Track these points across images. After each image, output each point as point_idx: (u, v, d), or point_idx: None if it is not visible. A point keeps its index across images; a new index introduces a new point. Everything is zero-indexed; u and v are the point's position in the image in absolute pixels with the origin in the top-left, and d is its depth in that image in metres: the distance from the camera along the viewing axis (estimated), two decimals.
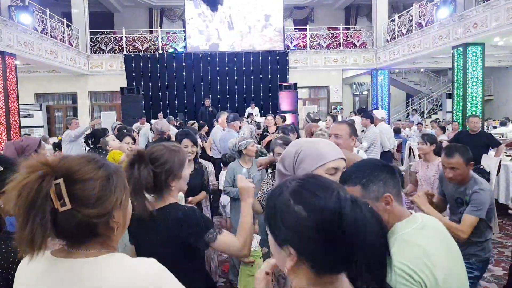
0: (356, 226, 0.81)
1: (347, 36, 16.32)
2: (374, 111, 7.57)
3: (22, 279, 1.01)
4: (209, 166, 4.12)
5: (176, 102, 15.31)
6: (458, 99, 10.87)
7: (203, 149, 4.86)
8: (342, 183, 1.38)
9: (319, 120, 7.07)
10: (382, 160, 1.40)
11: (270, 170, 3.15)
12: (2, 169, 1.55)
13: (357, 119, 7.66)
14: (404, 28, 13.76)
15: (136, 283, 0.93)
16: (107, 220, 0.96)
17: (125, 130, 4.97)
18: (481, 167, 5.52)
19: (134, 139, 4.65)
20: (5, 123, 9.61)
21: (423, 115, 17.99)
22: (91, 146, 4.75)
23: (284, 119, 8.41)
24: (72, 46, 13.88)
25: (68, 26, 13.83)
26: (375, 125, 6.54)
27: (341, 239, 0.82)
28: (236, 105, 15.24)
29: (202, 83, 15.33)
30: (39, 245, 0.88)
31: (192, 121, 7.81)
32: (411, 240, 1.28)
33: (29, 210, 0.87)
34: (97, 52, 15.43)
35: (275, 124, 7.53)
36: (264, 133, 6.86)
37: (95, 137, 4.65)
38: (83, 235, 0.96)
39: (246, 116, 11.96)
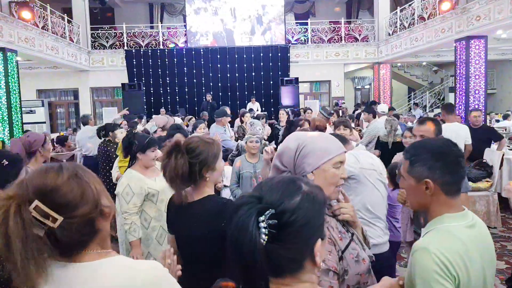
0: (231, 228, 0.84)
1: (349, 30, 16.23)
2: (377, 106, 7.54)
3: None
4: None
5: (177, 97, 15.29)
6: (460, 92, 10.81)
7: None
8: (404, 153, 1.43)
9: (333, 114, 7.07)
10: (452, 146, 1.37)
11: None
12: (7, 163, 1.55)
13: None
14: (406, 22, 13.67)
15: (134, 286, 0.93)
16: (100, 209, 0.97)
17: (135, 120, 5.07)
18: (484, 161, 5.52)
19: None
20: (7, 119, 9.62)
21: (426, 109, 17.93)
22: (102, 138, 4.98)
23: (298, 114, 8.38)
24: (73, 42, 13.86)
25: (68, 22, 13.79)
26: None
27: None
28: (237, 100, 15.22)
29: (203, 78, 15.29)
30: (41, 269, 0.87)
31: (189, 116, 7.79)
32: (457, 235, 1.26)
33: (17, 244, 0.84)
34: (98, 47, 15.41)
35: (288, 118, 7.57)
36: (275, 125, 6.85)
37: (106, 130, 4.84)
38: (87, 237, 0.96)
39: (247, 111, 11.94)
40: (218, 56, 15.27)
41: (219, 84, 15.37)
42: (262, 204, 0.85)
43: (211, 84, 15.29)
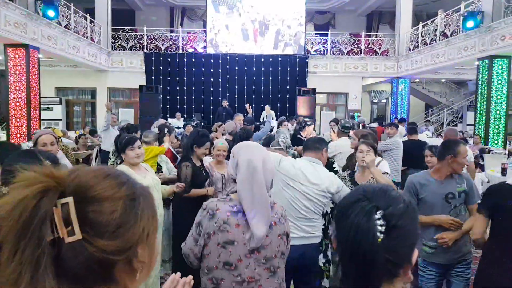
0: (346, 226, 0.89)
1: (369, 43, 16.13)
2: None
3: None
4: None
5: (193, 102, 15.32)
6: (481, 112, 10.63)
7: None
8: None
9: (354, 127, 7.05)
10: None
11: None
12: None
13: (400, 128, 7.56)
14: (428, 38, 13.53)
15: None
16: (129, 258, 0.70)
17: (166, 129, 5.11)
18: None
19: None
20: (26, 115, 9.71)
21: (443, 127, 17.68)
22: None
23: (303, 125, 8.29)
24: (94, 42, 14.01)
25: (91, 22, 13.96)
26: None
27: None
28: (253, 107, 15.14)
29: (220, 84, 15.31)
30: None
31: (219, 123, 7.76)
32: None
33: (19, 238, 0.62)
34: (117, 49, 15.55)
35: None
36: (297, 136, 6.77)
37: (128, 131, 4.87)
38: (94, 279, 0.67)
39: (262, 118, 11.93)
40: (237, 64, 15.27)
41: (236, 91, 15.34)
42: (373, 204, 0.87)
43: (227, 90, 15.28)
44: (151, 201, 0.77)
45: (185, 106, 15.20)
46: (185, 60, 15.26)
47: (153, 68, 15.12)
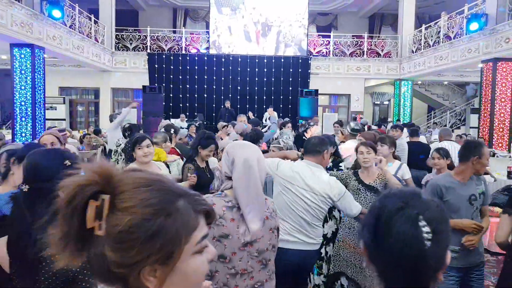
0: (393, 235, 0.89)
1: (371, 45, 16.16)
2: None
3: None
4: None
5: (196, 102, 15.34)
6: (485, 115, 10.64)
7: None
8: None
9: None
10: None
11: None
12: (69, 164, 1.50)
13: (405, 132, 7.52)
14: (431, 40, 13.55)
15: None
16: (133, 272, 0.68)
17: (172, 130, 5.12)
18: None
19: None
20: (31, 114, 9.74)
21: None
22: (127, 138, 5.04)
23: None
24: (98, 42, 14.03)
25: (95, 22, 13.98)
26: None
27: None
28: (256, 108, 15.19)
29: (222, 85, 15.33)
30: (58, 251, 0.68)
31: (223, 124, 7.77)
32: None
33: (62, 216, 0.68)
34: (121, 49, 15.57)
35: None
36: (303, 138, 6.76)
37: (131, 131, 4.89)
38: (109, 277, 0.70)
39: (264, 119, 11.93)
40: (239, 65, 15.30)
41: (238, 92, 15.37)
42: (416, 211, 0.87)
43: (230, 91, 15.31)
44: (181, 222, 0.70)
45: (187, 107, 15.21)
46: (187, 60, 15.29)
47: (156, 68, 15.15)
